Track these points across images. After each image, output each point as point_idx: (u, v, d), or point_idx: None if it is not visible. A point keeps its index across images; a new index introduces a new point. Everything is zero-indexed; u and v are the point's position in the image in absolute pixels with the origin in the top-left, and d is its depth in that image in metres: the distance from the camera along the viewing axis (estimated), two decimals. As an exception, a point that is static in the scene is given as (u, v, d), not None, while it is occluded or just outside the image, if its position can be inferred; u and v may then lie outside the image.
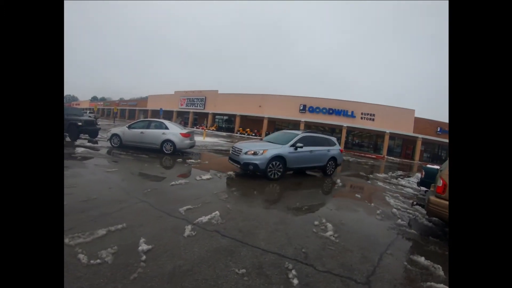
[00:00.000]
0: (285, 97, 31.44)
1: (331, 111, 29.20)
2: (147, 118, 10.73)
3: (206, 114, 35.00)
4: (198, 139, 15.67)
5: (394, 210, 5.22)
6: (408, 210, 5.44)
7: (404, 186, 8.73)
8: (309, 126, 30.36)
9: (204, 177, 5.95)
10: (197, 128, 32.99)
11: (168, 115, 38.10)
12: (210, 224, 3.36)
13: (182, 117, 38.89)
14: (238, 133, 31.37)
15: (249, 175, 6.90)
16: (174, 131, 9.17)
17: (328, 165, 8.12)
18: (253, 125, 32.51)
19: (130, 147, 9.49)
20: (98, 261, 2.32)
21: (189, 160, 8.35)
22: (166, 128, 9.24)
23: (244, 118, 32.80)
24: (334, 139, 8.53)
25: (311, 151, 7.43)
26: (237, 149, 6.83)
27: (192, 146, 9.95)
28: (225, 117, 36.46)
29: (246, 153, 6.49)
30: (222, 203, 4.33)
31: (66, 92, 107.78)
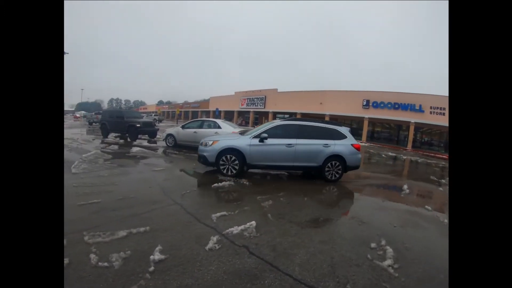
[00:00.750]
0: (346, 93, 29.31)
1: (396, 106, 25.83)
2: (209, 118, 11.50)
3: (267, 113, 35.42)
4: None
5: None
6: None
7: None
8: (373, 123, 27.46)
9: (250, 179, 5.58)
10: (257, 127, 33.96)
11: (229, 115, 40.40)
12: (241, 237, 2.94)
13: (243, 117, 40.53)
14: (299, 131, 30.93)
15: (306, 178, 6.23)
16: (226, 130, 9.30)
17: (327, 166, 5.90)
18: (314, 123, 31.67)
19: (185, 146, 9.97)
20: (106, 264, 2.21)
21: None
22: (219, 127, 9.48)
23: (305, 116, 32.12)
24: (343, 129, 6.25)
25: (290, 144, 5.69)
26: None
27: None
28: (286, 116, 36.64)
29: (201, 144, 5.93)
30: (264, 211, 3.85)
31: (135, 97, 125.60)
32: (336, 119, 28.75)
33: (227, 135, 6.90)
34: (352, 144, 6.13)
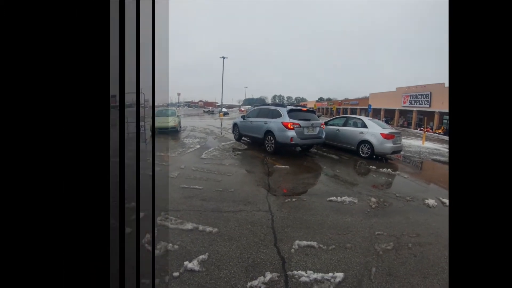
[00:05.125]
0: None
1: None
2: (355, 116, 10.77)
3: (432, 114, 30.46)
4: (416, 143, 14.52)
5: None
6: None
7: None
8: None
9: (386, 201, 4.16)
10: (420, 130, 29.62)
11: (390, 114, 38.14)
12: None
13: (405, 117, 36.44)
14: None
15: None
16: (373, 131, 8.22)
17: (266, 139, 7.99)
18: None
19: (328, 145, 9.51)
20: (149, 248, 2.44)
21: (383, 170, 6.72)
22: (365, 126, 8.50)
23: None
24: (281, 109, 7.93)
25: (251, 121, 8.90)
26: None
27: (396, 151, 8.57)
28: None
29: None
30: (371, 259, 2.66)
31: (296, 94, 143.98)
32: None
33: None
34: (282, 122, 7.48)
